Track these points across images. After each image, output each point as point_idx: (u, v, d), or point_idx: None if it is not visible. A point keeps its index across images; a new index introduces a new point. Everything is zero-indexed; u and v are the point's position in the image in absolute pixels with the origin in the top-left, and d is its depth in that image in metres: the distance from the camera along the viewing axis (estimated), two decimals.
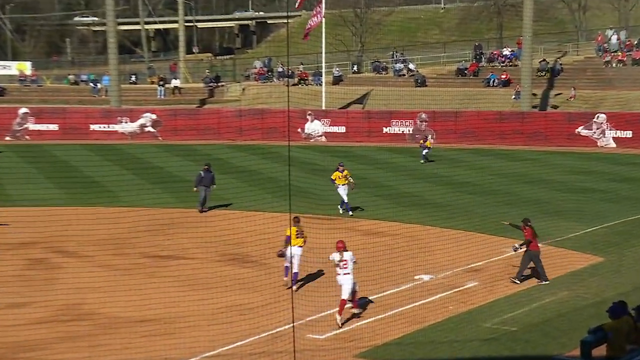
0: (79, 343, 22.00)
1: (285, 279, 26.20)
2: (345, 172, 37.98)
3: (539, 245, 27.94)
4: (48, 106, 69.47)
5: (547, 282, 27.41)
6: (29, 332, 22.54)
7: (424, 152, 54.84)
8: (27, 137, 64.95)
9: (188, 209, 38.90)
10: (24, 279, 27.74)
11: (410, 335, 22.73)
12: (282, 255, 26.51)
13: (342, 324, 23.37)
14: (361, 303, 24.73)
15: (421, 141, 55.94)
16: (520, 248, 27.76)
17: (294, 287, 25.15)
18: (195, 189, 39.23)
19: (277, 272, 26.62)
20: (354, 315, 24.15)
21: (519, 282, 27.45)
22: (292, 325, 20.66)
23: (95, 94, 77.54)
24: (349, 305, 24.05)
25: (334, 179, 38.33)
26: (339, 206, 38.35)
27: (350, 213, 37.96)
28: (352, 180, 38.04)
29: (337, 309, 23.50)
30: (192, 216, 37.83)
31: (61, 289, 26.29)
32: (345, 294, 23.87)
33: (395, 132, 64.99)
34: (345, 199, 38.09)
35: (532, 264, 27.81)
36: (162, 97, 76.47)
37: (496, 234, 32.92)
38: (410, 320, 23.91)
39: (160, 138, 65.54)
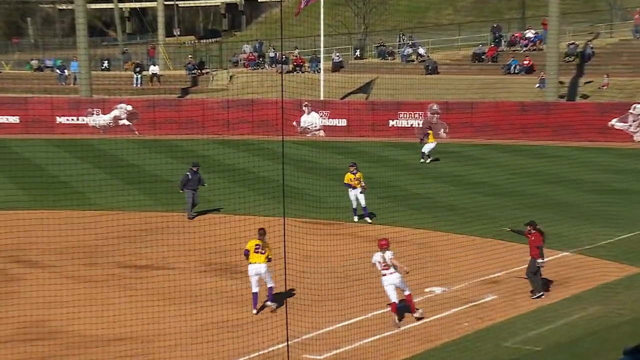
0: None
1: (254, 311, 25.97)
2: (359, 174, 38.22)
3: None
4: (7, 95, 69.56)
5: (540, 296, 27.54)
6: None
7: (427, 149, 54.53)
8: None
9: (169, 213, 38.93)
10: None
11: (420, 355, 22.79)
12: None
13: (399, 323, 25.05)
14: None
15: (428, 132, 55.50)
16: (544, 260, 27.72)
17: (273, 306, 25.16)
18: (181, 191, 39.26)
19: (262, 286, 26.60)
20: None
21: (541, 293, 27.52)
22: (286, 344, 20.72)
23: (62, 82, 77.70)
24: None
25: (347, 182, 38.56)
26: (356, 216, 38.84)
27: (369, 220, 38.33)
28: (363, 184, 38.36)
29: (393, 311, 25.21)
30: (173, 221, 37.80)
31: (23, 304, 26.33)
32: (393, 297, 25.15)
33: (403, 125, 65.09)
34: (363, 203, 38.48)
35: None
36: (139, 85, 76.62)
37: (517, 241, 32.93)
38: (420, 339, 23.97)
39: (136, 132, 65.64)
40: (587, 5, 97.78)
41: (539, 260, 27.53)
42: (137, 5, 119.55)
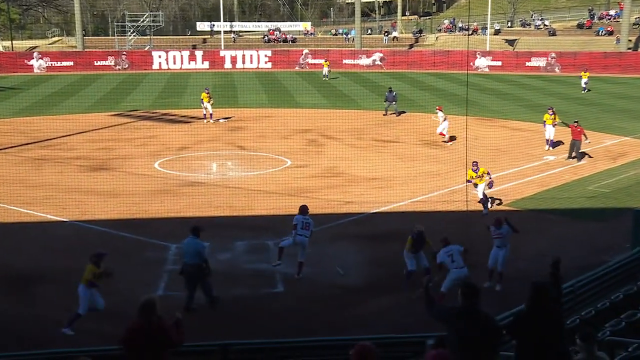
0: (336, 189, 22.50)
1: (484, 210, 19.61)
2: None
3: (582, 138, 25.76)
4: (319, 49, 69.93)
5: (578, 162, 25.48)
6: (308, 182, 23.27)
7: (584, 83, 46.96)
8: (307, 67, 65.81)
9: (400, 114, 38.29)
10: (305, 150, 28.46)
11: (539, 194, 21.85)
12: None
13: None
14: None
15: (582, 72, 48.06)
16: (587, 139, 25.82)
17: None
18: (385, 102, 38.18)
19: (453, 152, 25.89)
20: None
21: (576, 160, 25.64)
22: (465, 184, 20.25)
23: (346, 41, 77.36)
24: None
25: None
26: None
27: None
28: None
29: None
30: (402, 116, 37.25)
31: (325, 157, 26.89)
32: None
33: (534, 65, 61.35)
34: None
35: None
36: (386, 42, 75.28)
37: (598, 131, 30.67)
38: (539, 185, 22.94)
39: (384, 68, 64.82)
40: None
41: (587, 141, 25.82)
42: None
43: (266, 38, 75.82)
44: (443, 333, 7.36)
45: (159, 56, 63.84)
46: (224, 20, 71.65)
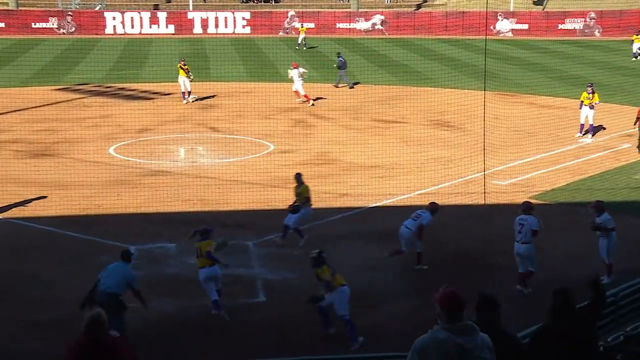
0: (328, 179, 22.60)
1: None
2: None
3: None
4: (307, 10, 69.93)
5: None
6: (294, 171, 23.20)
7: (636, 47, 48.22)
8: (293, 32, 65.80)
9: (406, 87, 38.42)
10: (291, 133, 28.55)
11: (573, 184, 22.09)
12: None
13: None
14: None
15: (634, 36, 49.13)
16: None
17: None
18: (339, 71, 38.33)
19: (469, 135, 26.04)
20: None
21: None
22: (483, 173, 20.43)
23: (340, 1, 77.27)
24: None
25: (582, 100, 27.25)
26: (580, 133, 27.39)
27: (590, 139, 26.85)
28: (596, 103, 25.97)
29: None
30: (408, 91, 37.44)
31: (315, 141, 26.99)
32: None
33: (568, 28, 61.70)
34: (590, 120, 27.01)
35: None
36: (388, 2, 75.36)
37: None
38: (574, 173, 23.19)
39: (386, 34, 64.93)
40: None
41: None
42: None
43: None
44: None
45: (113, 18, 63.73)
46: None
